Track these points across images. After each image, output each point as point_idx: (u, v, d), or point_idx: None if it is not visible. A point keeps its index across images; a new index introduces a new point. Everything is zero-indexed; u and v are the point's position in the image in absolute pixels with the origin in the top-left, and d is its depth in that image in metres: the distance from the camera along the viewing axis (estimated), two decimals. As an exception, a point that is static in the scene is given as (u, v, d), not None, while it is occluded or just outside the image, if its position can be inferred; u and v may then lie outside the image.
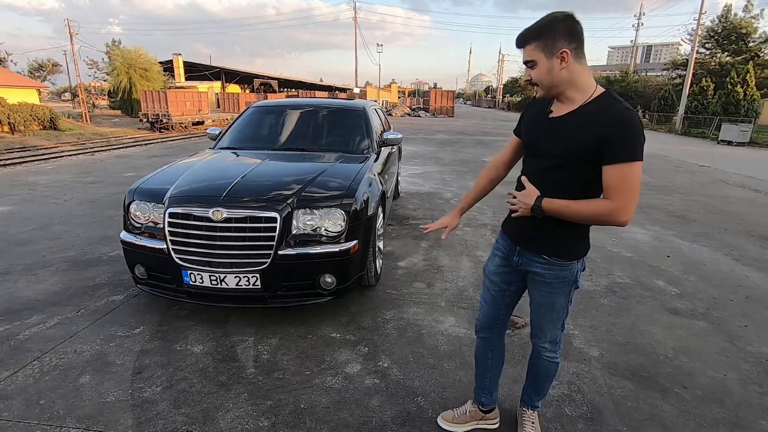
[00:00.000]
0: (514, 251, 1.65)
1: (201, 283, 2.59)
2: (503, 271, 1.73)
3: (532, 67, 1.41)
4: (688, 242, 4.87)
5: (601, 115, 1.35)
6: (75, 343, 2.58)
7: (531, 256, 1.59)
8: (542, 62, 1.38)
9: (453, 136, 18.16)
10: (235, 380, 2.28)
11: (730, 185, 8.82)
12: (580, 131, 1.38)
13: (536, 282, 1.62)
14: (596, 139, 1.33)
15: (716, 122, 21.93)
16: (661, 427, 2.03)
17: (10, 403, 2.07)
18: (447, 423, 1.99)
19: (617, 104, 1.36)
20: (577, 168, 1.41)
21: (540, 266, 1.57)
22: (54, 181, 7.72)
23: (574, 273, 1.57)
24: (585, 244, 1.57)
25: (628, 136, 1.31)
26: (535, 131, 1.55)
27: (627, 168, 1.32)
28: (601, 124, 1.33)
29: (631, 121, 1.32)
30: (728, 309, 3.25)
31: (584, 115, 1.38)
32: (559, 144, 1.43)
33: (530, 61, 1.40)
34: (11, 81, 26.19)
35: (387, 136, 4.29)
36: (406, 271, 3.77)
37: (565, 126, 1.42)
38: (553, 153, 1.46)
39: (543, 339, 1.72)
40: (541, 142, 1.51)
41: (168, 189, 2.77)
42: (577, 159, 1.40)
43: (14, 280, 3.43)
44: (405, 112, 40.49)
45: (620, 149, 1.31)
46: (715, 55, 31.48)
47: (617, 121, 1.32)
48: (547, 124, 1.48)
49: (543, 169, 1.50)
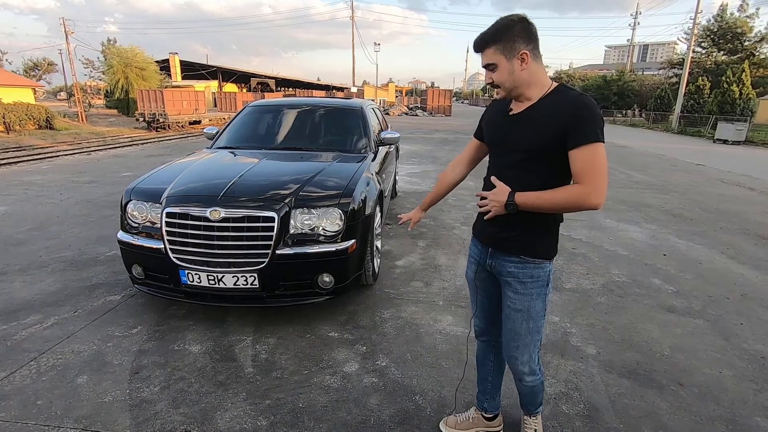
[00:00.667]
0: (486, 254, 1.64)
1: (199, 283, 2.59)
2: (482, 276, 1.71)
3: (493, 70, 1.44)
4: (684, 240, 4.90)
5: (560, 103, 1.39)
6: (72, 343, 2.58)
7: (504, 257, 1.57)
8: (503, 64, 1.41)
9: (450, 135, 18.18)
10: (233, 380, 2.28)
11: (726, 184, 8.87)
12: (541, 122, 1.41)
13: (509, 284, 1.58)
14: (558, 126, 1.36)
15: (712, 121, 22.04)
16: (657, 423, 2.04)
17: (7, 403, 2.06)
18: (450, 429, 1.96)
19: (573, 92, 1.40)
20: (541, 161, 1.44)
21: (513, 266, 1.56)
22: (50, 180, 7.68)
23: (548, 273, 1.56)
24: (555, 244, 1.57)
25: (591, 118, 1.34)
26: (497, 129, 1.57)
27: (593, 149, 1.33)
28: (562, 111, 1.37)
29: (591, 104, 1.36)
30: (724, 307, 3.27)
31: (543, 107, 1.42)
32: (521, 137, 1.46)
33: (491, 64, 1.43)
34: (6, 80, 26.04)
35: (385, 135, 4.29)
36: (404, 270, 3.77)
37: (526, 120, 1.45)
38: (516, 147, 1.48)
39: (520, 361, 1.63)
40: (504, 138, 1.53)
41: (165, 189, 2.77)
42: (540, 150, 1.42)
43: (10, 281, 3.42)
44: (402, 111, 40.50)
45: (586, 131, 1.33)
46: (711, 54, 31.65)
47: (578, 105, 1.35)
48: (508, 120, 1.51)
49: (507, 165, 1.51)
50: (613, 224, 5.41)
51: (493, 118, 1.61)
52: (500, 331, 1.82)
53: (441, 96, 40.30)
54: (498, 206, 1.47)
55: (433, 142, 15.11)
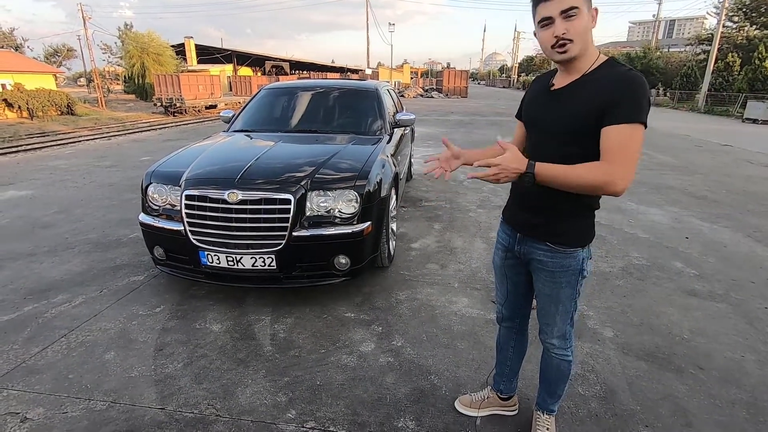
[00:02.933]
0: (515, 239, 1.57)
1: (218, 264, 2.65)
2: (510, 263, 1.65)
3: (572, 17, 1.22)
4: (708, 223, 4.76)
5: (605, 79, 1.27)
6: (99, 321, 2.68)
7: (533, 243, 1.50)
8: (583, 13, 1.23)
9: (466, 117, 17.89)
10: (252, 357, 2.35)
11: (754, 165, 8.54)
12: (583, 100, 1.29)
13: (539, 271, 1.53)
14: (600, 104, 1.24)
15: (741, 99, 21.11)
16: (675, 406, 2.03)
17: (41, 377, 2.17)
18: (464, 407, 1.97)
19: (621, 67, 1.28)
20: (580, 143, 1.31)
21: (542, 253, 1.48)
22: (73, 165, 7.88)
23: (579, 261, 1.47)
24: (591, 230, 1.48)
25: (635, 95, 1.22)
26: (537, 107, 1.47)
27: (630, 129, 1.21)
28: (606, 87, 1.25)
29: (638, 81, 1.23)
30: (748, 291, 3.19)
31: (588, 83, 1.30)
32: (560, 116, 1.35)
33: (573, 8, 1.21)
34: (28, 67, 26.53)
35: (400, 117, 4.25)
36: (419, 253, 3.78)
37: (567, 96, 1.34)
38: (554, 128, 1.37)
39: (550, 335, 1.61)
40: (542, 117, 1.42)
41: (184, 172, 2.81)
42: (579, 132, 1.30)
43: (40, 261, 3.55)
44: (418, 93, 39.93)
45: (625, 109, 1.21)
46: (742, 28, 30.05)
47: (623, 80, 1.23)
48: (549, 98, 1.40)
49: (544, 145, 1.41)
50: (634, 206, 5.29)
51: (534, 95, 1.51)
52: (523, 320, 1.81)
53: (457, 77, 39.53)
54: (507, 173, 1.26)
55: (449, 125, 14.91)
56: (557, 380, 1.70)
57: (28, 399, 2.02)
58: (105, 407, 1.98)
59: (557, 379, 1.70)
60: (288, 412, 1.96)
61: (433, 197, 5.59)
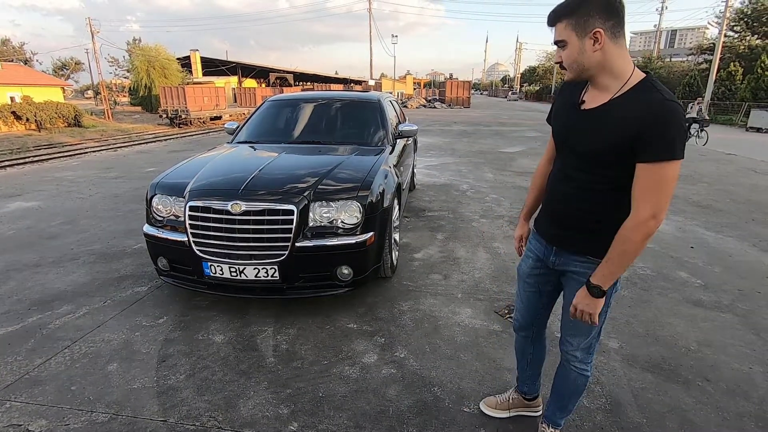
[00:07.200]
0: (550, 252, 1.55)
1: (221, 275, 2.65)
2: (538, 273, 1.64)
3: (563, 48, 1.29)
4: (713, 233, 4.73)
5: (635, 108, 1.22)
6: (103, 332, 2.68)
7: (570, 255, 1.48)
8: (573, 43, 1.26)
9: (469, 127, 17.96)
10: (255, 369, 2.34)
11: (759, 174, 8.50)
12: (612, 129, 1.26)
13: (574, 282, 1.49)
14: (630, 136, 1.21)
15: (745, 108, 21.10)
16: (682, 419, 2.00)
17: (44, 388, 2.17)
18: (490, 409, 1.98)
19: (658, 94, 1.21)
20: (608, 168, 1.30)
21: (580, 265, 1.46)
22: (79, 176, 7.96)
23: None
24: None
25: (668, 132, 1.17)
26: (566, 124, 1.44)
27: (666, 168, 1.19)
28: (637, 118, 1.20)
29: (670, 112, 1.17)
30: (755, 301, 3.16)
31: (618, 108, 1.26)
32: (589, 142, 1.33)
33: (561, 41, 1.29)
34: (37, 80, 27.00)
35: (402, 127, 4.27)
36: (422, 263, 3.77)
37: (597, 122, 1.31)
38: (582, 151, 1.35)
39: (574, 347, 1.58)
40: (571, 137, 1.40)
41: (188, 183, 2.84)
42: (608, 159, 1.29)
43: (45, 272, 3.57)
44: (420, 103, 40.19)
45: (656, 147, 1.18)
46: (744, 38, 30.15)
47: (652, 114, 1.18)
48: (578, 117, 1.37)
49: (572, 165, 1.41)
50: (638, 216, 5.25)
51: (562, 109, 1.48)
52: (540, 328, 1.80)
53: (459, 87, 39.83)
54: (592, 307, 1.37)
55: (452, 135, 14.96)
56: (571, 395, 1.69)
57: (30, 411, 2.02)
58: (107, 419, 1.97)
59: (571, 394, 1.69)
60: (290, 425, 1.95)
61: (436, 207, 5.59)
